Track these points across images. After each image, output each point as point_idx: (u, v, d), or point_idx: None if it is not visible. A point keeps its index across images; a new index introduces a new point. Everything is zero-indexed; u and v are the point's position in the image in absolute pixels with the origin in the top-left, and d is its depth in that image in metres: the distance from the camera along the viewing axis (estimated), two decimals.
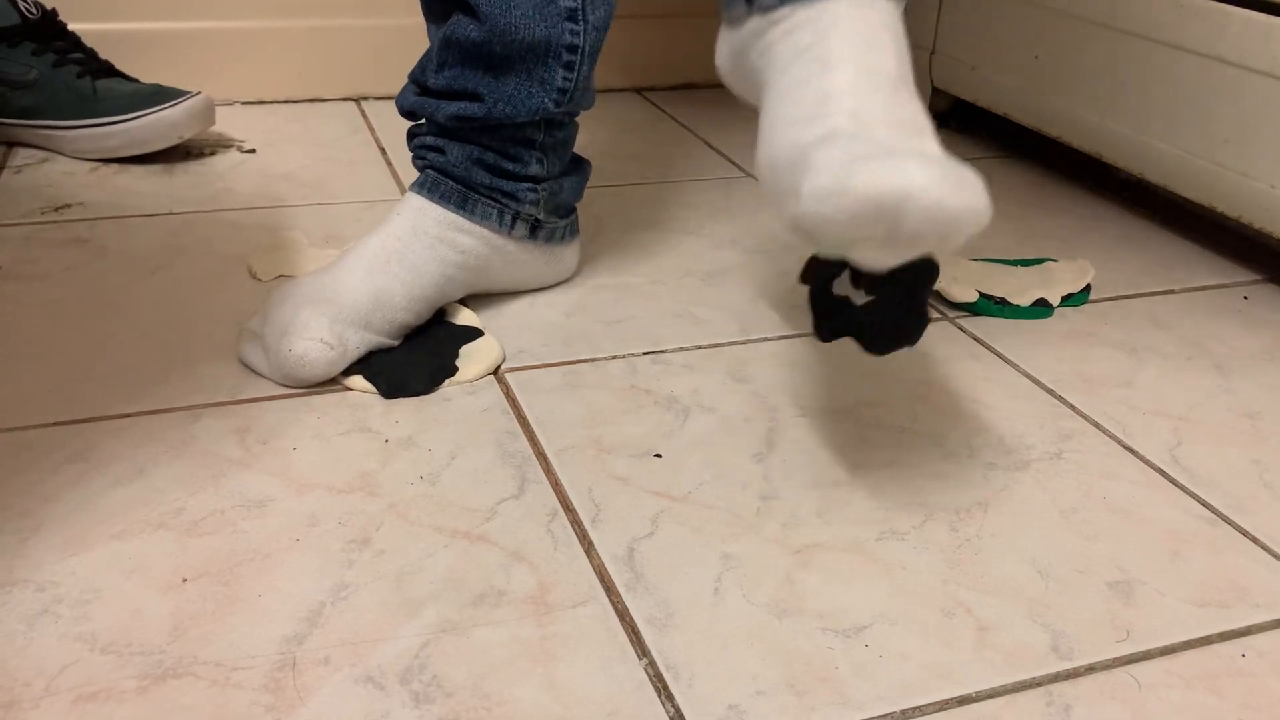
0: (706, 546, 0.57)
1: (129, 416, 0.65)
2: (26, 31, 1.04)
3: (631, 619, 0.52)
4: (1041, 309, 0.83)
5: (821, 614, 0.53)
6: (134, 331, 0.75)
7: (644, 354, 0.75)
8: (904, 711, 0.48)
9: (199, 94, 1.06)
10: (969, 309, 0.84)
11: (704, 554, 0.56)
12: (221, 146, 1.12)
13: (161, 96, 1.04)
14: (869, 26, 0.56)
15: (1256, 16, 0.86)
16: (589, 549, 0.56)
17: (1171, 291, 0.89)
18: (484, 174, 0.75)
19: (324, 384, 0.69)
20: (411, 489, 0.60)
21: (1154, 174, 0.98)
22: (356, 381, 0.69)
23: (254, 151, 1.11)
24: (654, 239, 0.94)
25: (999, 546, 0.58)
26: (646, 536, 0.57)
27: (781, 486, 0.62)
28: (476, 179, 0.75)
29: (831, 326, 0.66)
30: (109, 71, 1.07)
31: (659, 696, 0.48)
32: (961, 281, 0.84)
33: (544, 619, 0.51)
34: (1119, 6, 0.98)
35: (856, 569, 0.56)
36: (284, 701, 0.46)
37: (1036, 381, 0.74)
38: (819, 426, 0.68)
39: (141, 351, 0.72)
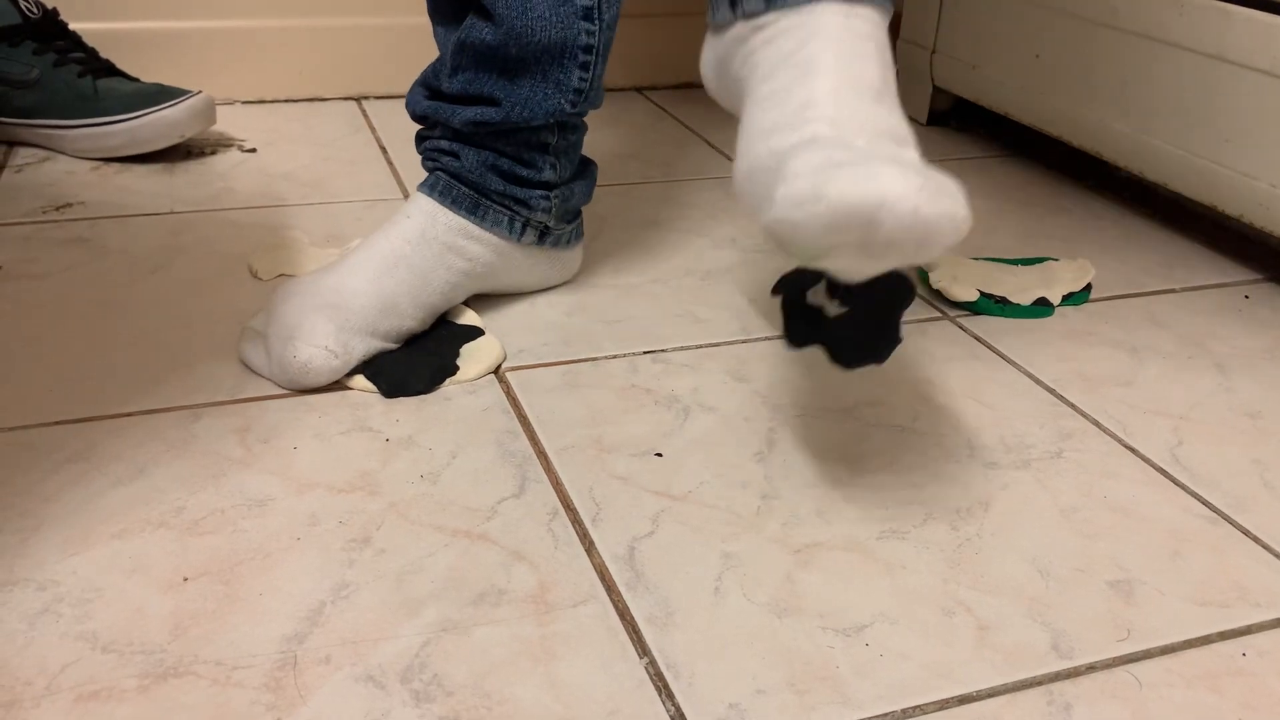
0: (707, 546, 0.57)
1: (129, 416, 0.65)
2: (28, 31, 1.04)
3: (632, 618, 0.52)
4: (1042, 308, 0.83)
5: (822, 613, 0.53)
6: (135, 331, 0.75)
7: (644, 353, 0.75)
8: (904, 711, 0.48)
9: (200, 93, 1.06)
10: (970, 308, 0.84)
11: (704, 553, 0.56)
12: (222, 146, 1.12)
13: (162, 96, 1.04)
14: (853, 36, 0.56)
15: (1258, 15, 0.86)
16: (589, 548, 0.56)
17: (1172, 291, 0.89)
18: (498, 180, 0.75)
19: None
20: (412, 488, 0.60)
21: (1155, 173, 0.98)
22: (357, 381, 0.69)
23: (255, 151, 1.11)
24: (655, 238, 0.94)
25: (999, 546, 0.58)
26: (647, 536, 0.57)
27: (782, 486, 0.62)
28: (490, 185, 0.75)
29: (802, 334, 0.66)
30: (110, 71, 1.07)
31: (659, 695, 0.48)
32: (962, 280, 0.84)
33: (544, 618, 0.52)
34: (1120, 6, 0.98)
35: (857, 568, 0.56)
36: (285, 700, 0.46)
37: (1037, 381, 0.74)
38: (819, 426, 0.68)
39: (142, 351, 0.72)
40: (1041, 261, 0.91)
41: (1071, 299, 0.86)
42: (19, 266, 0.83)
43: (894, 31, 0.70)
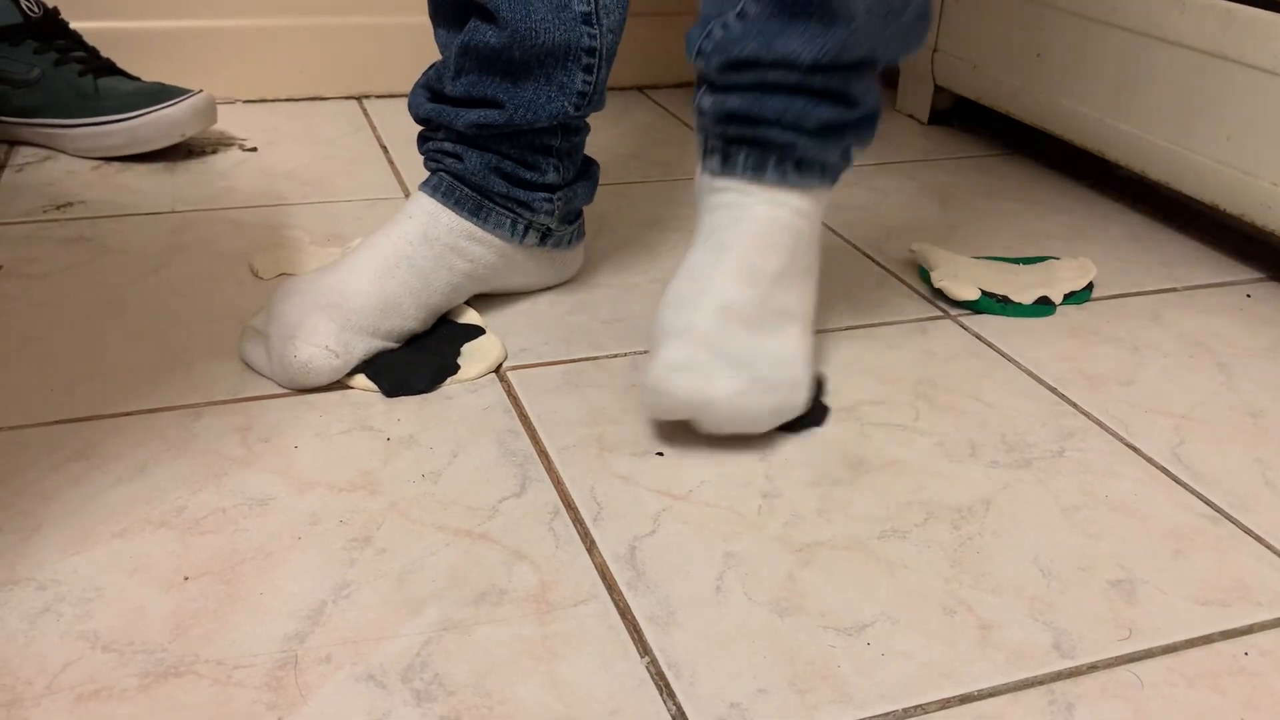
0: (708, 545, 0.57)
1: (130, 415, 0.65)
2: (28, 30, 1.04)
3: (633, 617, 0.52)
4: (1044, 307, 0.83)
5: (823, 612, 0.53)
6: (135, 330, 0.75)
7: (645, 352, 0.75)
8: (906, 710, 0.48)
9: (200, 92, 1.06)
10: (971, 307, 0.84)
11: (706, 552, 0.56)
12: (223, 145, 1.12)
13: (163, 95, 1.04)
14: (772, 228, 0.66)
15: (1259, 14, 0.86)
16: (591, 547, 0.56)
17: (1174, 289, 0.89)
18: (501, 182, 0.75)
19: None
20: (413, 487, 0.60)
21: (1156, 172, 0.98)
22: (358, 380, 0.69)
23: (255, 150, 1.11)
24: (656, 237, 0.94)
25: (1001, 545, 0.58)
26: (648, 535, 0.57)
27: (783, 485, 0.62)
28: (493, 187, 0.74)
29: None
30: (111, 70, 1.07)
31: (661, 695, 0.48)
32: (964, 279, 0.84)
33: (546, 617, 0.51)
34: (1121, 4, 0.98)
35: (858, 567, 0.56)
36: (285, 700, 0.46)
37: (1039, 379, 0.74)
38: (822, 425, 0.68)
39: (143, 350, 0.72)
40: (1043, 260, 0.91)
41: (1073, 298, 0.86)
42: (20, 266, 0.83)
43: None
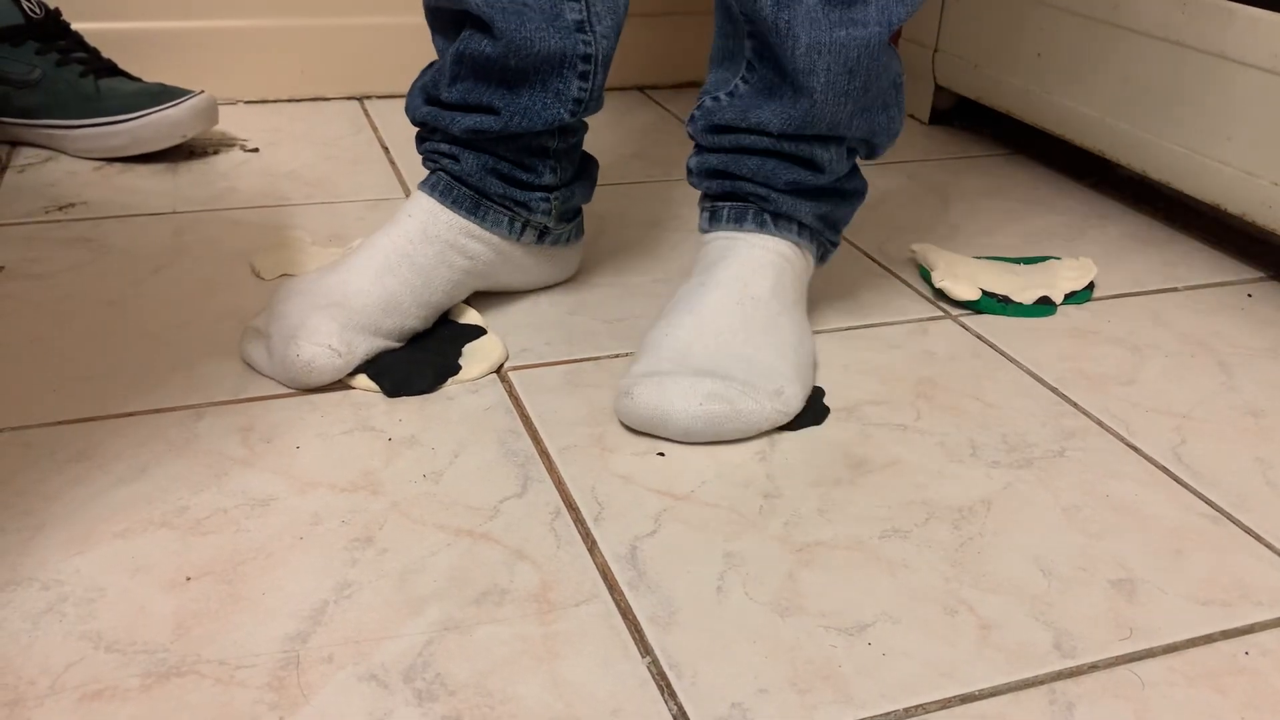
0: (709, 545, 0.57)
1: (132, 415, 0.66)
2: (30, 31, 1.04)
3: (634, 617, 0.52)
4: (1044, 307, 0.83)
5: (824, 612, 0.53)
6: (137, 330, 0.75)
7: None
8: (906, 710, 0.48)
9: (202, 93, 1.06)
10: (972, 307, 0.84)
11: (706, 552, 0.56)
12: (225, 145, 1.12)
13: (165, 96, 1.05)
14: (758, 258, 0.72)
15: (1260, 13, 0.86)
16: (592, 547, 0.56)
17: (1175, 289, 0.89)
18: (498, 183, 0.75)
19: None
20: (414, 488, 0.60)
21: (1157, 171, 0.98)
22: (360, 380, 0.69)
23: (257, 150, 1.11)
24: (656, 237, 0.94)
25: (1001, 545, 0.58)
26: (649, 535, 0.57)
27: (784, 485, 0.62)
28: (491, 188, 0.74)
29: None
30: (112, 71, 1.07)
31: (662, 694, 0.48)
32: (964, 279, 0.84)
33: (547, 617, 0.52)
34: (1121, 4, 0.98)
35: (859, 567, 0.56)
36: (287, 700, 0.46)
37: (1039, 379, 0.74)
38: (821, 424, 0.68)
39: (144, 350, 0.73)
40: (1044, 260, 0.91)
41: (1074, 298, 0.86)
42: (22, 266, 0.84)
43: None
